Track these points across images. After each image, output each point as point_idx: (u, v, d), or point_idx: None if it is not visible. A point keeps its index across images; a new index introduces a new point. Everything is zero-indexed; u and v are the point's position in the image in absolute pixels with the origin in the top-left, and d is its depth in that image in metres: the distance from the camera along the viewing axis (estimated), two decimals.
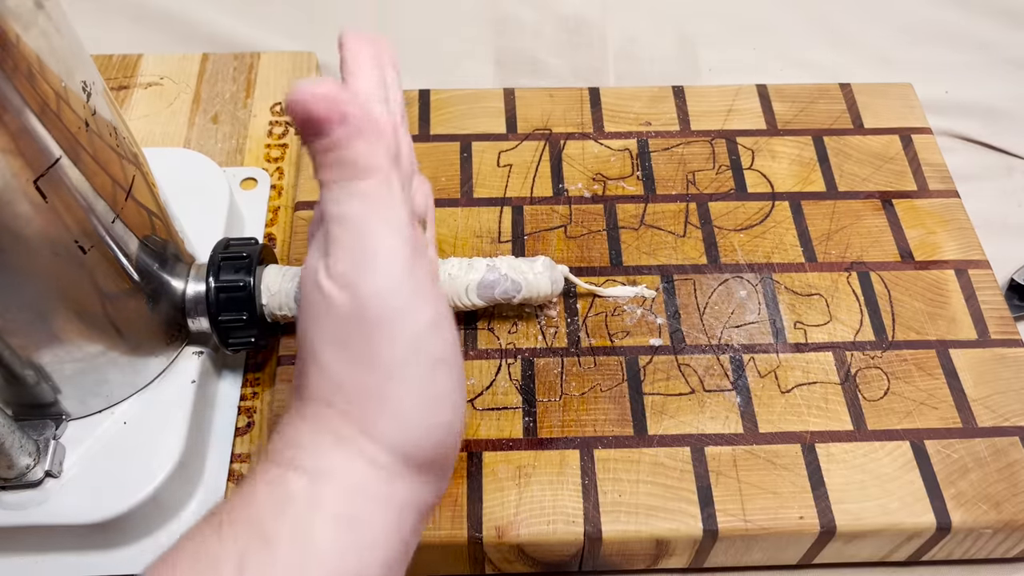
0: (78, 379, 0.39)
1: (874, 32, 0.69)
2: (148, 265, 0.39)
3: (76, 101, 0.34)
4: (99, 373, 0.40)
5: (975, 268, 0.49)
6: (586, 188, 0.52)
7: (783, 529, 0.40)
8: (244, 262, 0.42)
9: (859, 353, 0.45)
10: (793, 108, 0.56)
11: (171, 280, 0.41)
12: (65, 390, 0.39)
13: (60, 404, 0.40)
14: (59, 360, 0.38)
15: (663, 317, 0.47)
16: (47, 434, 0.39)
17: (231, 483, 0.43)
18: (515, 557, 0.41)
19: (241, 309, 0.41)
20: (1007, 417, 0.43)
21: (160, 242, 0.40)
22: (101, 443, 0.40)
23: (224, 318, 0.41)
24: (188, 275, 0.42)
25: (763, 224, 0.50)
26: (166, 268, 0.41)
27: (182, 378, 0.43)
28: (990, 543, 0.42)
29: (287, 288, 0.42)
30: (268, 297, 0.42)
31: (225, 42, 0.66)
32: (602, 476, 0.41)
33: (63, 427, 0.40)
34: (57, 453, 0.39)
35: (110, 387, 0.41)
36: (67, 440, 0.40)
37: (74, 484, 0.39)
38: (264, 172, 0.54)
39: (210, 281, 0.41)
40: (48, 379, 0.38)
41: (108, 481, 0.40)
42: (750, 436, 0.43)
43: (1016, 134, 0.63)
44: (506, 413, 0.43)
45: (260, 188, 0.54)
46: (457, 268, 0.44)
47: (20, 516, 0.38)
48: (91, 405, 0.41)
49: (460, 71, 0.67)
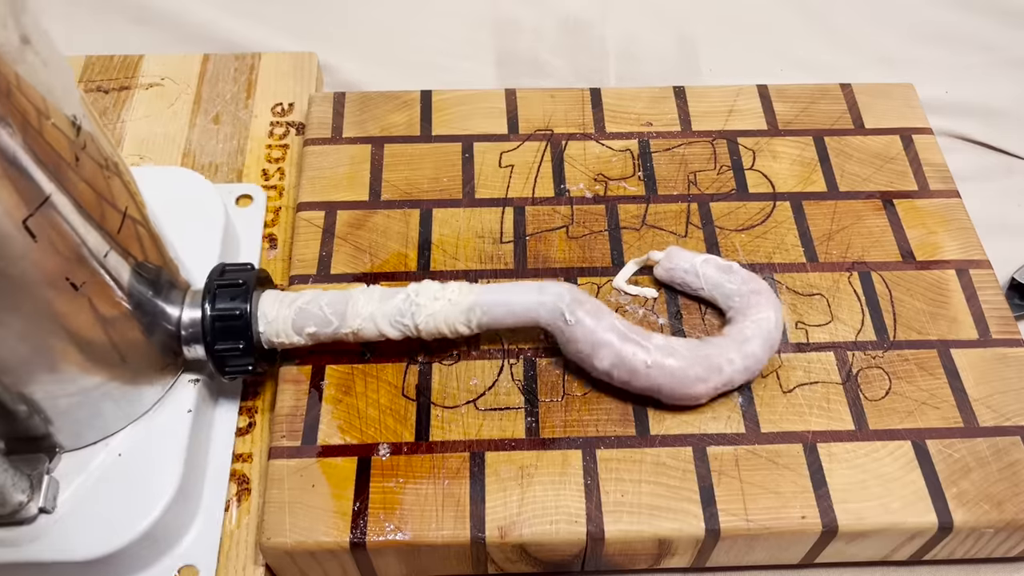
0: (72, 412, 0.38)
1: (875, 32, 0.69)
2: (142, 295, 0.39)
3: (66, 136, 0.33)
4: (93, 405, 0.39)
5: (976, 268, 0.49)
6: (588, 188, 0.52)
7: (785, 529, 0.40)
8: (240, 289, 0.41)
9: (860, 353, 0.46)
10: (794, 108, 0.56)
11: (166, 308, 0.40)
12: (58, 423, 0.38)
13: (53, 437, 0.39)
14: (52, 394, 0.37)
15: (665, 317, 0.47)
16: (40, 468, 0.38)
17: (227, 510, 0.43)
18: (518, 557, 0.41)
19: (238, 337, 0.40)
20: (1008, 417, 0.43)
21: (154, 270, 0.39)
22: (96, 476, 0.39)
23: (220, 347, 0.40)
24: (183, 302, 0.41)
25: (764, 224, 0.50)
26: (161, 296, 0.40)
27: (178, 407, 0.42)
28: (992, 543, 0.42)
29: (284, 315, 0.41)
30: (265, 324, 0.41)
31: (226, 43, 0.66)
32: (604, 476, 0.41)
33: (56, 460, 0.39)
34: (51, 488, 0.38)
35: (105, 418, 0.40)
36: (61, 473, 0.39)
37: (69, 519, 0.38)
38: (260, 188, 0.53)
39: (206, 309, 0.40)
40: (41, 412, 0.38)
41: (103, 515, 0.38)
42: (752, 436, 0.43)
43: (1016, 134, 0.64)
44: (508, 413, 0.43)
45: (256, 205, 0.53)
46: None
47: (13, 553, 0.37)
48: (85, 437, 0.40)
49: (461, 72, 0.67)
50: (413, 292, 0.42)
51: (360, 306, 0.41)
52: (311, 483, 0.41)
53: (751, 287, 0.45)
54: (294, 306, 0.42)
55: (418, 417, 0.43)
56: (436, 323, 0.42)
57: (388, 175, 0.52)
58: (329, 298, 0.42)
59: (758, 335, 0.43)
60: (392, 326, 0.42)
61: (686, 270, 0.46)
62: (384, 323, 0.42)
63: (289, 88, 0.59)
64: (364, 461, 0.42)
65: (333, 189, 0.51)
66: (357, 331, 0.42)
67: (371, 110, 0.55)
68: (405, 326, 0.42)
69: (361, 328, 0.41)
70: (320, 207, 0.51)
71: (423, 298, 0.42)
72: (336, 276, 0.48)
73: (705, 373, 0.41)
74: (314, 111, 0.55)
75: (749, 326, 0.43)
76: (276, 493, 0.41)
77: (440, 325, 0.42)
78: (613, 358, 0.41)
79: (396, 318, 0.42)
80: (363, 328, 0.41)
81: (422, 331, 0.42)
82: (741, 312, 0.44)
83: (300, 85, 0.60)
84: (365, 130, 0.54)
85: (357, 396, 0.44)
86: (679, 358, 0.41)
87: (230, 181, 0.54)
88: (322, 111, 0.55)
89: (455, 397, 0.44)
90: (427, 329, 0.42)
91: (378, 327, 0.42)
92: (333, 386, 0.44)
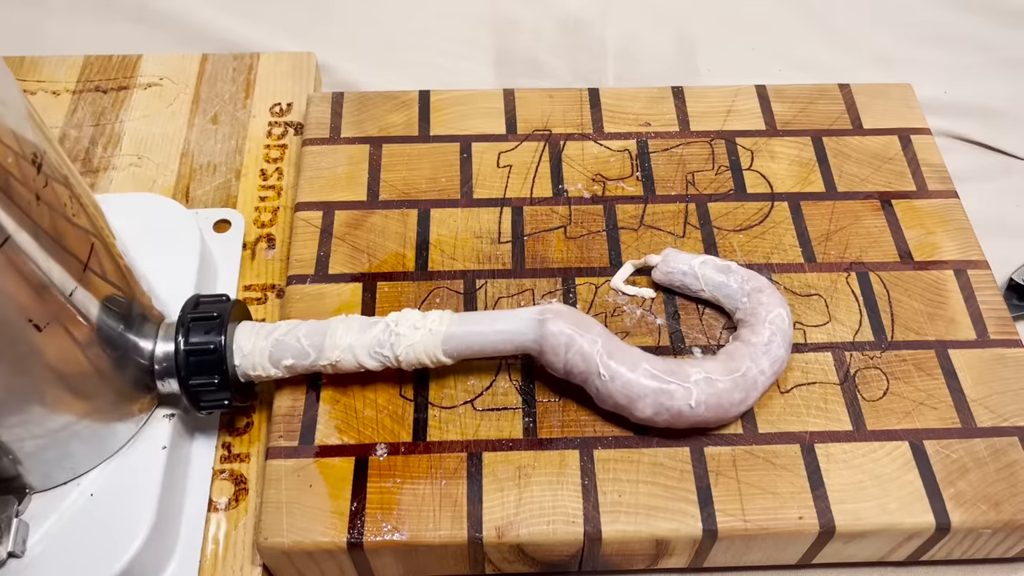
0: (41, 452, 0.37)
1: (873, 32, 0.69)
2: (112, 330, 0.37)
3: (26, 175, 0.32)
4: (64, 445, 0.38)
5: (974, 268, 0.49)
6: (586, 189, 0.52)
7: (782, 529, 0.40)
8: (215, 322, 0.40)
9: (858, 353, 0.46)
10: (792, 109, 0.56)
11: (138, 342, 0.39)
12: (27, 464, 0.37)
13: (23, 478, 0.38)
14: (20, 436, 0.36)
15: (663, 318, 0.47)
16: (8, 512, 0.37)
17: (205, 553, 0.42)
18: (515, 557, 0.41)
19: (212, 372, 0.39)
20: (1006, 417, 0.43)
21: (125, 304, 0.38)
22: (67, 517, 0.38)
23: (195, 382, 0.39)
24: (157, 335, 0.40)
25: (762, 224, 0.50)
26: (132, 330, 0.39)
27: (152, 443, 0.41)
28: (989, 543, 0.42)
29: (261, 347, 0.40)
30: (241, 357, 0.40)
31: (224, 42, 0.66)
32: (602, 476, 0.41)
33: (26, 502, 0.38)
34: (20, 531, 0.37)
35: (75, 458, 0.39)
36: (31, 515, 0.38)
37: (39, 563, 0.37)
38: (238, 214, 0.52)
39: (179, 343, 0.39)
40: (9, 453, 0.36)
41: (75, 558, 0.37)
42: (749, 436, 0.43)
43: (1015, 134, 0.64)
44: (506, 414, 0.43)
45: (234, 230, 0.52)
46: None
47: None
48: (56, 477, 0.39)
49: (460, 72, 0.67)
50: (392, 322, 0.41)
51: (339, 337, 0.41)
52: (308, 483, 0.41)
53: (752, 285, 0.45)
54: (271, 338, 0.41)
55: (415, 417, 0.43)
56: (416, 353, 0.41)
57: (386, 175, 0.52)
58: (307, 329, 0.41)
59: (778, 336, 0.42)
60: (371, 357, 0.41)
61: (685, 272, 0.46)
62: (363, 354, 0.41)
63: (287, 88, 0.60)
64: (361, 461, 0.42)
65: (331, 189, 0.51)
66: (336, 363, 0.41)
67: (369, 110, 0.55)
68: (385, 357, 0.41)
69: (340, 360, 0.41)
70: (318, 207, 0.51)
71: (403, 327, 0.41)
72: (334, 276, 0.48)
73: (744, 394, 0.41)
74: (312, 111, 0.55)
75: (767, 328, 0.43)
76: (273, 493, 0.41)
77: (420, 355, 0.41)
78: (655, 406, 0.40)
79: (375, 348, 0.41)
80: (342, 360, 0.41)
81: (402, 362, 0.41)
82: (752, 313, 0.44)
83: (298, 85, 0.60)
84: (363, 130, 0.54)
85: (354, 396, 0.44)
86: (719, 388, 0.40)
87: (228, 181, 0.54)
88: (320, 111, 0.55)
89: (452, 397, 0.44)
90: (407, 360, 0.41)
91: (357, 358, 0.41)
92: (330, 386, 0.44)
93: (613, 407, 0.41)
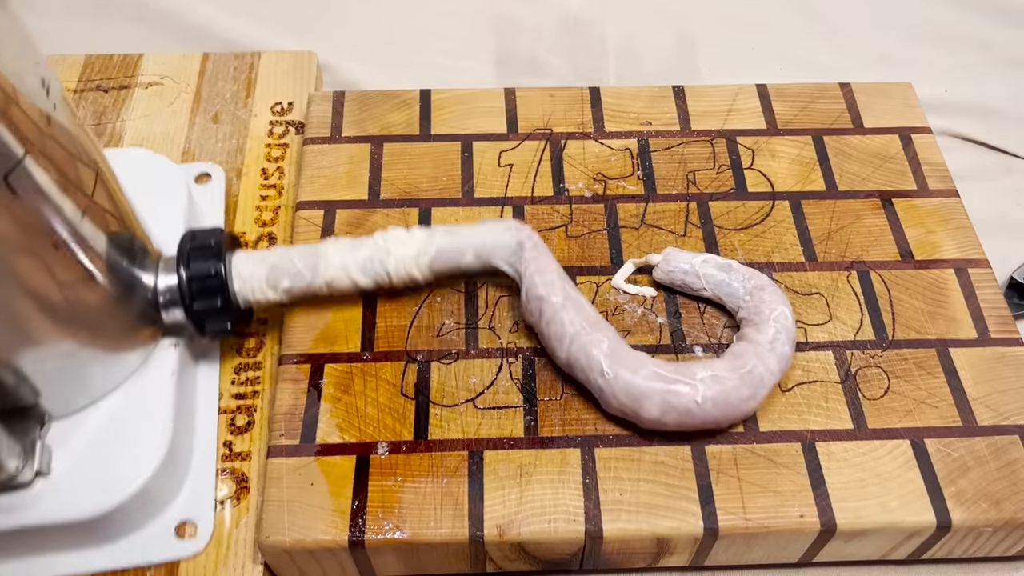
0: (58, 378, 0.39)
1: (874, 32, 0.69)
2: (118, 261, 0.39)
3: (37, 95, 0.34)
4: (79, 370, 0.40)
5: (975, 267, 0.49)
6: (587, 188, 0.52)
7: (783, 527, 0.40)
8: (213, 250, 0.42)
9: (859, 352, 0.46)
10: (793, 108, 0.56)
11: (141, 275, 0.41)
12: (45, 390, 0.39)
13: (41, 406, 0.40)
14: (37, 360, 0.38)
15: (664, 316, 0.47)
16: (32, 436, 0.39)
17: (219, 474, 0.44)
18: (516, 556, 0.41)
19: (215, 295, 0.42)
20: (1007, 416, 0.43)
21: (127, 238, 0.41)
22: (87, 440, 0.41)
23: (199, 306, 0.42)
24: (158, 269, 0.42)
25: (763, 223, 0.50)
26: (135, 263, 0.41)
27: (161, 370, 0.43)
28: (990, 541, 0.42)
29: (258, 272, 0.43)
30: (240, 283, 0.43)
31: (225, 42, 0.66)
32: (603, 475, 0.41)
33: (47, 428, 0.40)
34: (44, 453, 0.39)
35: (91, 384, 0.41)
36: (52, 440, 0.40)
37: (65, 482, 0.39)
38: (218, 167, 0.54)
39: (181, 272, 0.42)
40: (27, 380, 0.38)
41: (99, 477, 0.40)
42: (750, 435, 0.43)
43: (1015, 134, 0.64)
44: (507, 412, 0.43)
45: (214, 182, 0.54)
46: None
47: (12, 519, 0.38)
48: (73, 404, 0.41)
49: (460, 71, 0.67)
50: (381, 239, 0.44)
51: (331, 256, 0.43)
52: (310, 481, 0.41)
53: (754, 283, 0.45)
54: (267, 263, 0.43)
55: (417, 416, 0.43)
56: (407, 267, 0.43)
57: (387, 174, 0.52)
58: (299, 251, 0.44)
59: (783, 333, 0.42)
60: (364, 274, 0.43)
61: (686, 271, 0.46)
62: (356, 271, 0.43)
63: (288, 87, 0.60)
64: (363, 460, 0.42)
65: (332, 188, 0.51)
66: (330, 282, 0.43)
67: (370, 109, 0.55)
68: (376, 273, 0.43)
69: (334, 279, 0.43)
70: (319, 206, 0.51)
71: (392, 244, 0.43)
72: None
73: (752, 391, 0.41)
74: (313, 110, 0.55)
75: (771, 326, 0.43)
76: (275, 492, 0.41)
77: (411, 269, 0.44)
78: (662, 405, 0.40)
79: (367, 265, 0.43)
80: (336, 278, 0.43)
81: (393, 277, 0.44)
82: (755, 311, 0.44)
83: (300, 84, 0.60)
84: (364, 129, 0.54)
85: (356, 394, 0.44)
86: (726, 384, 0.40)
87: (229, 179, 0.54)
88: (321, 110, 0.55)
89: (454, 396, 0.44)
90: (398, 274, 0.44)
91: (350, 276, 0.43)
92: (332, 384, 0.44)
93: (619, 409, 0.41)
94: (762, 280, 0.45)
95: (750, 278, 0.45)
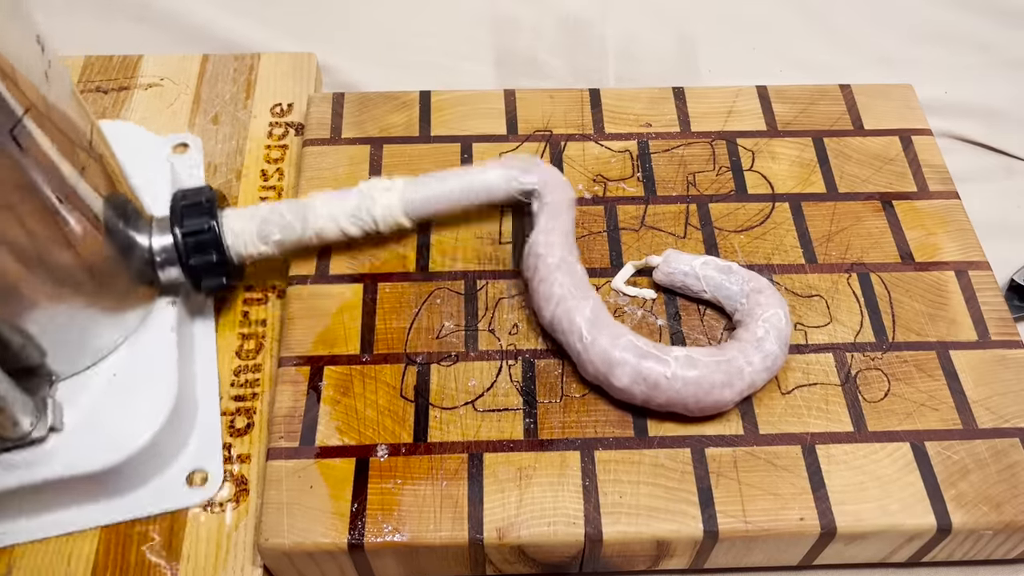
0: (62, 338, 0.41)
1: (874, 33, 0.69)
2: (114, 223, 0.41)
3: (33, 53, 0.34)
4: (82, 330, 0.41)
5: (975, 269, 0.49)
6: (587, 189, 0.52)
7: (783, 530, 0.40)
8: (205, 207, 0.43)
9: (859, 354, 0.45)
10: (793, 109, 0.56)
11: (136, 236, 0.43)
12: (51, 350, 0.41)
13: (48, 365, 0.41)
14: (41, 320, 0.39)
15: (664, 318, 0.47)
16: (43, 393, 0.41)
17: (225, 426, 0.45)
18: (516, 558, 0.41)
19: (210, 250, 0.43)
20: (1007, 418, 0.43)
21: (122, 199, 0.42)
22: (95, 397, 0.42)
23: (195, 262, 0.43)
24: (151, 229, 0.43)
25: (763, 225, 0.50)
26: (130, 224, 0.42)
27: (161, 327, 0.45)
28: (990, 544, 0.42)
29: (249, 227, 0.44)
30: (233, 238, 0.44)
31: (225, 43, 0.66)
32: (603, 477, 0.41)
33: (55, 387, 0.42)
34: (56, 410, 0.41)
35: (94, 343, 0.42)
36: (61, 398, 0.42)
37: (78, 437, 0.41)
38: (196, 137, 0.56)
39: (175, 230, 0.43)
40: (33, 340, 0.40)
41: (109, 431, 0.41)
42: (750, 437, 0.43)
43: (1016, 135, 0.64)
44: (507, 415, 0.43)
45: (192, 151, 0.55)
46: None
47: (29, 474, 0.40)
48: (79, 363, 0.42)
49: (460, 72, 0.67)
50: (366, 187, 0.46)
51: (318, 208, 0.45)
52: (309, 484, 0.41)
53: (752, 286, 0.45)
54: (257, 217, 0.45)
55: (416, 418, 0.43)
56: (395, 215, 0.46)
57: (387, 176, 0.52)
58: (288, 205, 0.45)
59: (771, 333, 0.43)
60: (352, 223, 0.45)
61: (686, 273, 0.46)
62: (344, 220, 0.45)
63: (288, 88, 0.59)
64: (362, 462, 0.42)
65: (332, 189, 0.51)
66: (319, 232, 0.45)
67: (370, 111, 0.55)
68: (363, 221, 0.45)
69: (323, 229, 0.45)
70: None
71: (376, 191, 0.46)
72: (335, 277, 0.48)
73: (727, 379, 0.41)
74: (313, 112, 0.55)
75: (761, 325, 0.43)
76: (274, 494, 0.41)
77: (399, 217, 0.46)
78: (632, 374, 0.41)
79: (354, 214, 0.45)
80: (325, 228, 0.45)
81: (379, 223, 0.46)
82: (749, 313, 0.44)
83: (299, 85, 0.60)
84: (364, 131, 0.54)
85: (355, 397, 0.44)
86: (700, 367, 0.41)
87: (228, 181, 0.55)
88: (321, 112, 0.55)
89: (453, 398, 0.44)
90: (385, 221, 0.46)
91: (339, 225, 0.45)
92: (331, 387, 0.44)
93: (593, 375, 0.42)
94: (761, 283, 0.45)
95: (749, 281, 0.45)
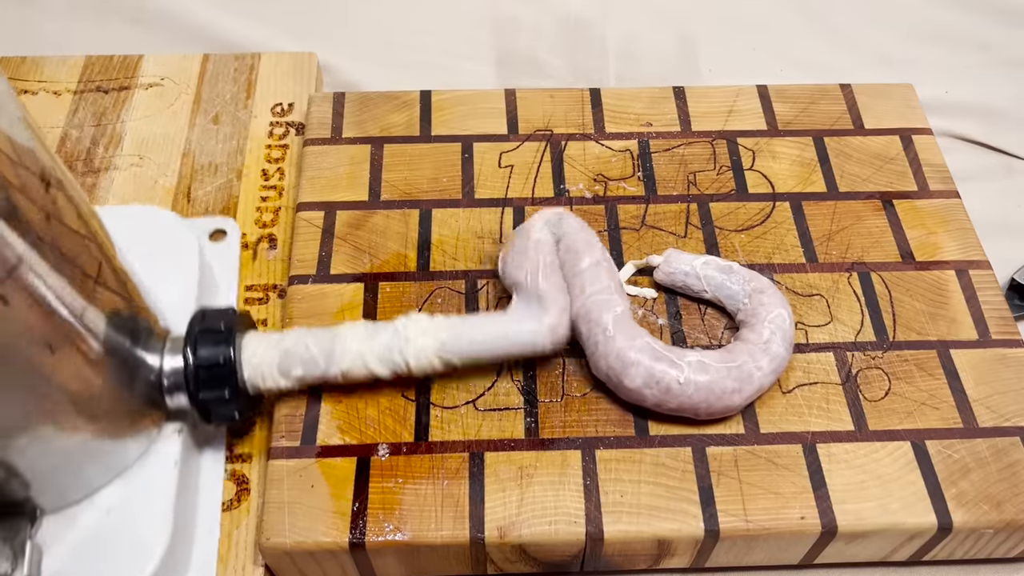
0: (53, 472, 0.37)
1: (874, 32, 0.69)
2: (121, 347, 0.37)
3: (35, 195, 0.31)
4: (76, 464, 0.37)
5: (976, 268, 0.49)
6: (587, 189, 0.52)
7: (784, 529, 0.40)
8: (223, 335, 0.39)
9: (860, 353, 0.46)
10: (794, 109, 0.56)
11: (146, 357, 0.39)
12: (39, 485, 0.37)
13: (34, 500, 0.37)
14: (31, 457, 0.35)
15: (664, 318, 0.47)
16: (22, 535, 0.36)
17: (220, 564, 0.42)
18: (517, 557, 0.41)
19: (223, 385, 0.39)
20: (1008, 417, 0.43)
21: (131, 319, 0.38)
22: (82, 537, 0.38)
23: (205, 396, 0.39)
24: (164, 350, 0.39)
25: (764, 225, 0.50)
26: (140, 345, 0.38)
27: (163, 458, 0.40)
28: (991, 543, 0.42)
29: (269, 357, 0.40)
30: (250, 369, 0.40)
31: (226, 43, 0.66)
32: (604, 476, 0.41)
33: (39, 524, 0.37)
34: (34, 554, 0.36)
35: (88, 476, 0.38)
36: (45, 536, 0.37)
37: None
38: (233, 222, 0.52)
39: (188, 357, 0.39)
40: (19, 476, 0.36)
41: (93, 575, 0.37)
42: (751, 436, 0.43)
43: (1016, 134, 0.64)
44: (508, 414, 0.43)
45: (230, 239, 0.51)
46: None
47: None
48: (68, 496, 0.38)
49: (461, 72, 0.67)
50: (401, 326, 0.41)
51: (348, 342, 0.41)
52: (310, 483, 0.41)
53: (754, 286, 0.45)
54: (279, 348, 0.41)
55: (417, 417, 0.43)
56: (429, 358, 0.41)
57: (388, 175, 0.52)
58: (315, 337, 0.41)
59: (777, 335, 0.43)
60: (382, 363, 0.41)
61: (687, 273, 0.46)
62: (373, 360, 0.41)
63: (289, 88, 0.59)
64: (363, 461, 0.42)
65: (333, 189, 0.51)
66: (346, 371, 0.41)
67: (371, 110, 0.55)
68: (395, 363, 0.41)
69: (350, 368, 0.41)
70: (320, 207, 0.51)
71: (412, 331, 0.41)
72: (336, 276, 0.48)
73: (738, 384, 0.41)
74: (314, 111, 0.55)
75: (767, 327, 0.43)
76: (275, 493, 0.41)
77: (433, 360, 0.41)
78: (645, 376, 0.41)
79: (385, 354, 0.41)
80: (352, 367, 0.41)
81: (413, 367, 0.41)
82: (752, 314, 0.44)
83: (300, 85, 0.60)
84: (365, 130, 0.54)
85: (356, 396, 0.44)
86: (712, 372, 0.41)
87: (229, 181, 0.54)
88: (322, 111, 0.55)
89: (454, 397, 0.44)
90: (419, 365, 0.41)
91: (367, 364, 0.41)
92: (332, 386, 0.44)
93: (606, 372, 0.42)
94: (762, 283, 0.45)
95: (750, 280, 0.45)
